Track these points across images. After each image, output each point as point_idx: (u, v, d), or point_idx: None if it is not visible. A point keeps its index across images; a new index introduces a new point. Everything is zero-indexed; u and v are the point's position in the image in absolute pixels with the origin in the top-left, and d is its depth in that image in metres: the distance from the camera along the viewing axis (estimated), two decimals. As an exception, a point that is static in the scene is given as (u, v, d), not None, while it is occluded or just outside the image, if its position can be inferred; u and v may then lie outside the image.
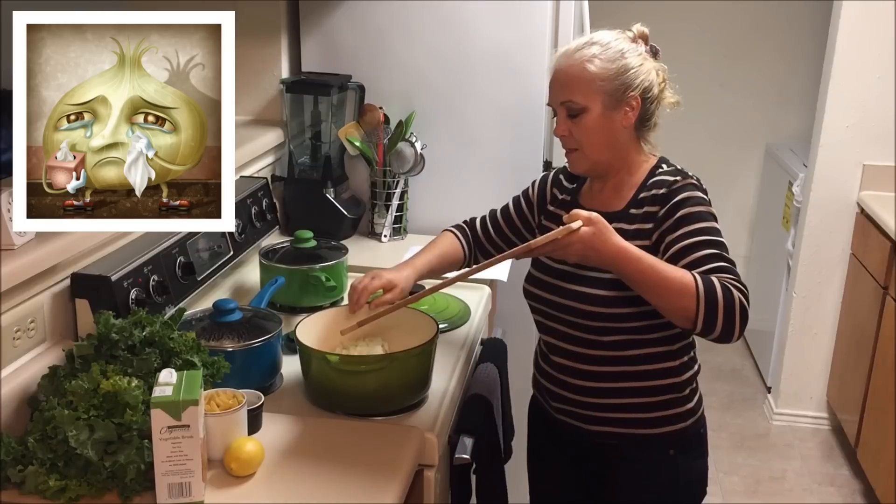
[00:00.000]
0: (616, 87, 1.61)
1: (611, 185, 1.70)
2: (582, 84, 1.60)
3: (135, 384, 1.37)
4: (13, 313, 1.47)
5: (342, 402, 1.61)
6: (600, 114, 1.61)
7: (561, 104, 1.63)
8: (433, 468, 1.57)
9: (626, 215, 1.64)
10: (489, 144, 2.55)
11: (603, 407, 1.69)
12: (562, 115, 1.64)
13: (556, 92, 1.64)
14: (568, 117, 1.63)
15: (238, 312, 1.70)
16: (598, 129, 1.62)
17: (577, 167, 1.70)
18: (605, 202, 1.69)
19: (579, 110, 1.61)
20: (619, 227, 1.61)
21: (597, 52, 1.61)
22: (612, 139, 1.64)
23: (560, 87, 1.64)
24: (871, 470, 3.03)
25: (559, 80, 1.64)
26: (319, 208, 2.48)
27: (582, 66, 1.60)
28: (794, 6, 4.08)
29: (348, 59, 2.55)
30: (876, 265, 3.08)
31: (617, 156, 1.66)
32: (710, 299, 1.45)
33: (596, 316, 1.63)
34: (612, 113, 1.62)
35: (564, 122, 1.64)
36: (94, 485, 1.32)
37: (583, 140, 1.63)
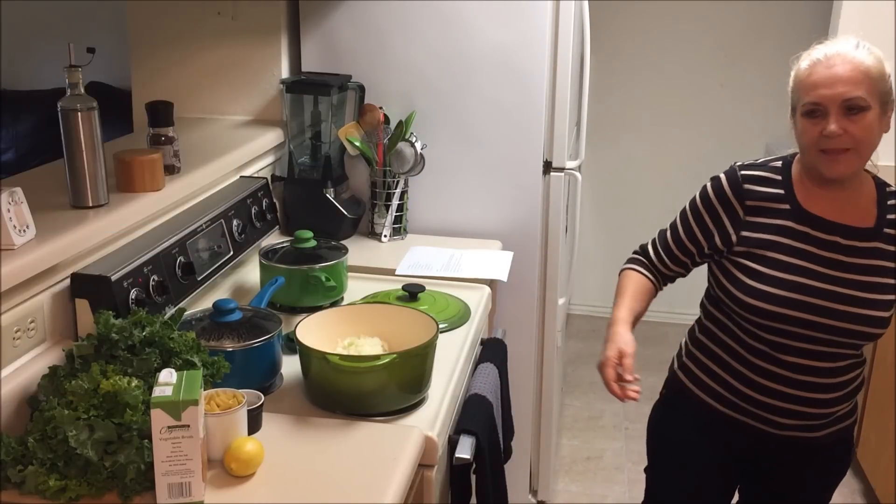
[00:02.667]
0: (887, 90, 1.60)
1: (848, 194, 1.67)
2: (865, 82, 1.57)
3: (135, 384, 1.37)
4: (13, 313, 1.47)
5: (342, 402, 1.61)
6: (878, 114, 1.60)
7: (843, 101, 1.58)
8: (433, 468, 1.58)
9: (880, 234, 1.65)
10: (489, 144, 2.55)
11: (835, 412, 1.73)
12: (837, 113, 1.58)
13: (837, 88, 1.58)
14: (844, 115, 1.58)
15: (238, 312, 1.70)
16: (875, 129, 1.60)
17: (843, 168, 1.62)
18: (851, 215, 1.66)
19: (864, 107, 1.57)
20: (875, 245, 1.65)
21: (869, 55, 1.60)
22: (877, 143, 1.63)
23: (843, 84, 1.58)
24: (871, 470, 3.03)
25: (843, 76, 1.58)
26: (319, 208, 2.49)
27: (863, 65, 1.58)
28: (794, 6, 4.08)
29: (348, 59, 2.55)
30: (876, 265, 3.07)
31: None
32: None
33: (871, 336, 1.66)
34: (883, 115, 1.61)
35: (840, 120, 1.58)
36: (94, 485, 1.32)
37: (861, 139, 1.59)
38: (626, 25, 4.09)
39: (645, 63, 4.21)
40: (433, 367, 1.68)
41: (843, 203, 1.67)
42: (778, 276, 1.65)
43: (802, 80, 1.65)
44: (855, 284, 1.64)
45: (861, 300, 1.63)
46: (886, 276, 1.65)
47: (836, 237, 1.65)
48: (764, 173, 1.74)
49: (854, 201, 1.67)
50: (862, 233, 1.65)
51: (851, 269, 1.64)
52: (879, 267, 1.65)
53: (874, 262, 1.65)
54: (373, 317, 1.79)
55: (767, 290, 1.65)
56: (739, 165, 1.77)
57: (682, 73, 4.23)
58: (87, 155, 1.68)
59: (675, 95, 4.24)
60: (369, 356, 1.62)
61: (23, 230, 1.50)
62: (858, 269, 1.64)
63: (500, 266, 2.33)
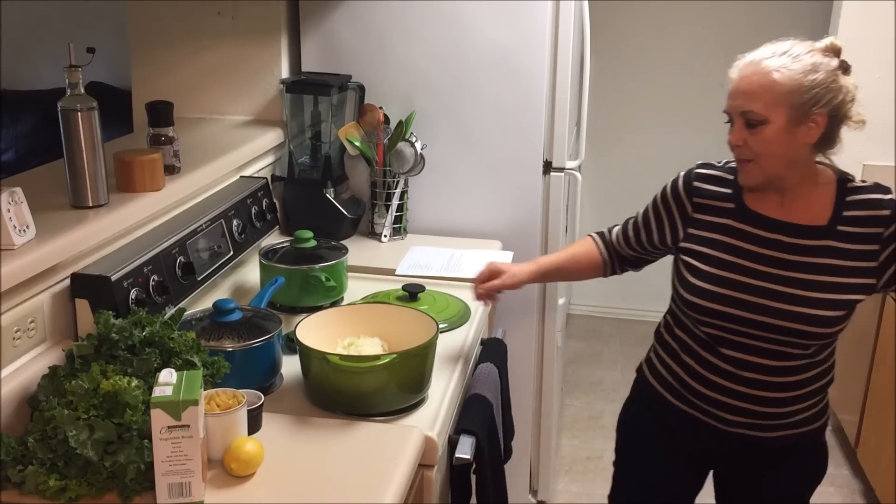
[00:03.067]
0: (804, 101, 1.55)
1: (798, 193, 1.65)
2: (765, 95, 1.55)
3: (135, 384, 1.37)
4: (13, 313, 1.47)
5: (342, 402, 1.61)
6: (782, 127, 1.56)
7: (741, 114, 1.58)
8: (433, 468, 1.58)
9: (833, 232, 1.62)
10: (489, 144, 2.55)
11: (790, 413, 1.71)
12: (739, 123, 1.59)
13: (736, 100, 1.59)
14: (746, 127, 1.58)
15: (238, 312, 1.70)
16: (778, 142, 1.57)
17: (749, 179, 1.63)
18: (797, 214, 1.65)
19: (759, 122, 1.56)
20: (829, 244, 1.62)
21: (786, 63, 1.55)
22: (791, 154, 1.59)
23: (741, 96, 1.58)
24: (871, 470, 3.03)
25: (742, 87, 1.58)
26: (319, 208, 2.49)
27: (769, 77, 1.55)
28: (794, 6, 4.08)
29: (348, 59, 2.55)
30: (876, 265, 3.07)
31: (792, 169, 1.62)
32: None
33: (820, 336, 1.63)
34: (795, 127, 1.56)
35: (741, 131, 1.58)
36: (94, 485, 1.32)
37: (760, 152, 1.58)
38: (626, 25, 4.09)
39: (645, 63, 4.21)
40: (433, 367, 1.68)
41: (792, 202, 1.65)
42: (715, 273, 1.67)
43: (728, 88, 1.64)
44: (798, 283, 1.62)
45: (803, 299, 1.61)
46: (839, 275, 1.61)
47: (778, 235, 1.65)
48: (718, 173, 1.75)
49: (804, 200, 1.65)
50: (810, 231, 1.63)
51: (796, 267, 1.63)
52: (831, 265, 1.61)
53: (825, 260, 1.62)
54: (373, 317, 1.79)
55: (704, 286, 1.67)
56: (699, 164, 1.79)
57: (682, 73, 4.22)
58: (87, 155, 1.68)
59: (675, 95, 4.24)
60: (369, 356, 1.62)
61: (23, 230, 1.50)
62: (805, 267, 1.62)
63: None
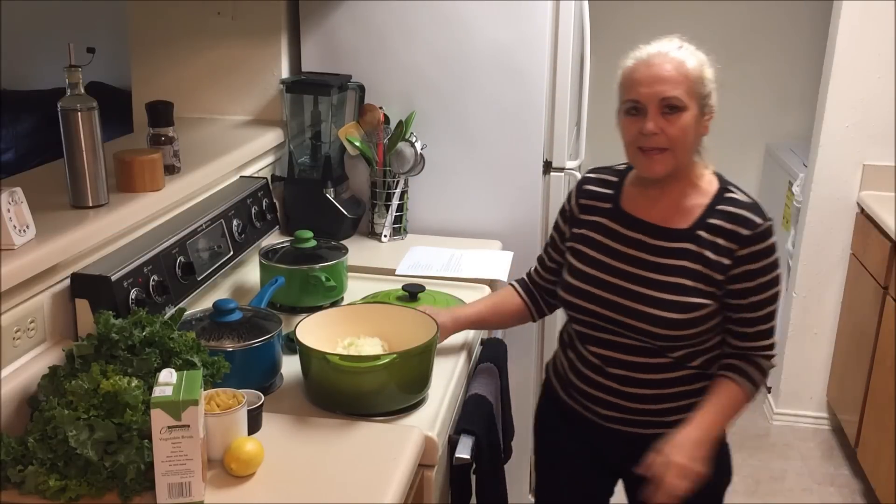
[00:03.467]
0: (706, 93, 1.61)
1: (672, 196, 1.66)
2: (683, 82, 1.58)
3: (135, 384, 1.37)
4: (13, 313, 1.47)
5: (342, 402, 1.61)
6: (695, 116, 1.59)
7: (660, 100, 1.58)
8: (433, 468, 1.58)
9: (692, 236, 1.63)
10: (489, 144, 2.55)
11: (662, 412, 1.70)
12: (655, 111, 1.58)
13: (655, 87, 1.58)
14: (662, 114, 1.58)
15: (238, 312, 1.70)
16: (691, 130, 1.60)
17: (658, 168, 1.62)
18: (665, 216, 1.66)
19: (681, 108, 1.57)
20: (686, 247, 1.62)
21: (689, 56, 1.60)
22: (694, 144, 1.63)
23: (661, 83, 1.58)
24: (871, 470, 3.03)
25: (661, 75, 1.58)
26: (319, 208, 2.48)
27: (684, 66, 1.58)
28: (794, 6, 4.08)
29: (348, 59, 2.55)
30: (876, 265, 3.08)
31: (688, 163, 1.65)
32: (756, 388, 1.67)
33: (666, 338, 1.63)
34: (700, 118, 1.61)
35: (658, 118, 1.58)
36: (94, 485, 1.32)
37: (677, 139, 1.59)
38: (626, 25, 4.08)
39: (645, 63, 4.21)
40: (433, 367, 1.68)
41: (665, 204, 1.67)
42: (585, 272, 1.72)
43: (626, 78, 1.63)
44: (651, 283, 1.64)
45: (651, 299, 1.63)
46: (689, 279, 1.62)
47: (641, 235, 1.67)
48: (604, 175, 1.79)
49: (677, 203, 1.66)
50: (672, 233, 1.64)
51: (653, 268, 1.64)
52: (685, 268, 1.62)
53: (680, 262, 1.62)
54: (373, 317, 1.79)
55: (575, 283, 1.73)
56: (591, 168, 1.83)
57: (682, 73, 4.22)
58: (87, 155, 1.67)
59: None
60: (369, 356, 1.62)
61: (23, 230, 1.50)
62: (661, 268, 1.64)
63: (500, 266, 2.33)
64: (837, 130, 3.30)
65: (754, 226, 1.61)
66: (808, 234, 3.42)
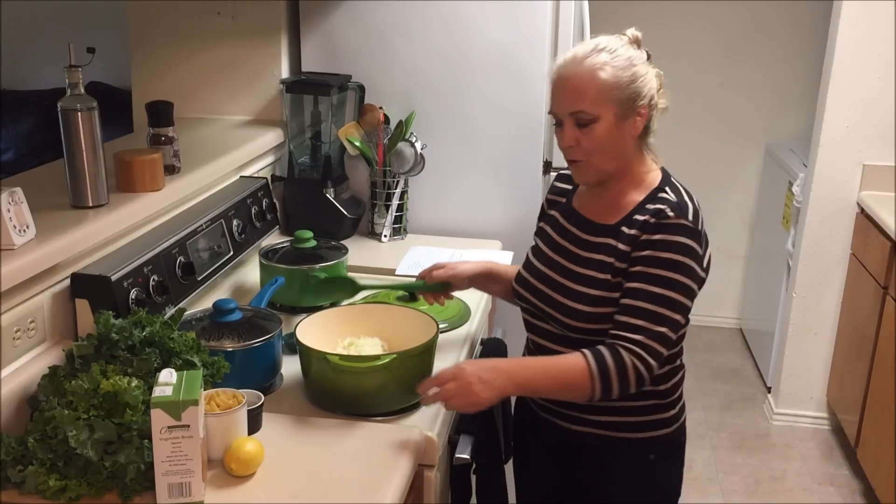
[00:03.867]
0: (627, 95, 1.57)
1: (611, 194, 1.66)
2: (592, 93, 1.55)
3: (135, 384, 1.37)
4: (13, 313, 1.47)
5: (342, 402, 1.61)
6: (612, 123, 1.56)
7: (570, 114, 1.57)
8: (433, 468, 1.58)
9: (617, 232, 1.61)
10: (489, 144, 2.55)
11: (586, 409, 1.68)
12: (569, 124, 1.58)
13: (564, 101, 1.58)
14: (576, 126, 1.58)
15: (238, 312, 1.70)
16: (609, 139, 1.57)
17: (582, 177, 1.65)
18: (600, 213, 1.67)
19: (590, 120, 1.56)
20: (608, 242, 1.61)
21: (607, 60, 1.56)
22: (620, 149, 1.60)
23: (569, 96, 1.57)
24: (871, 470, 3.03)
25: (568, 88, 1.57)
26: (319, 208, 2.48)
27: (593, 75, 1.55)
28: (794, 6, 4.08)
29: (348, 59, 2.55)
30: (876, 265, 3.08)
31: (623, 164, 1.63)
32: (604, 374, 1.52)
33: (578, 329, 1.63)
34: (622, 122, 1.58)
35: (572, 130, 1.58)
36: (94, 485, 1.32)
37: (592, 150, 1.58)
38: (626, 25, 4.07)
39: (645, 63, 4.21)
40: (433, 367, 1.68)
41: (604, 201, 1.66)
42: (531, 262, 1.76)
43: (550, 89, 1.63)
44: (571, 275, 1.65)
45: (567, 289, 1.64)
46: (599, 271, 1.61)
47: (576, 230, 1.68)
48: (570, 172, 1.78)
49: (615, 200, 1.65)
50: (598, 228, 1.65)
51: (579, 261, 1.65)
52: (603, 262, 1.61)
53: (601, 257, 1.62)
54: (373, 317, 1.79)
55: (522, 273, 1.77)
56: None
57: (682, 72, 4.22)
58: (87, 155, 1.67)
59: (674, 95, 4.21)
60: (369, 356, 1.62)
61: (23, 230, 1.50)
62: (584, 261, 1.64)
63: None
64: (837, 130, 3.30)
65: (663, 216, 1.56)
66: (808, 234, 3.42)
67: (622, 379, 1.52)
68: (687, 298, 1.56)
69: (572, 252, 1.67)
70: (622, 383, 1.52)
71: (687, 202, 1.61)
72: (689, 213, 1.58)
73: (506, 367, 1.56)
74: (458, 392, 1.49)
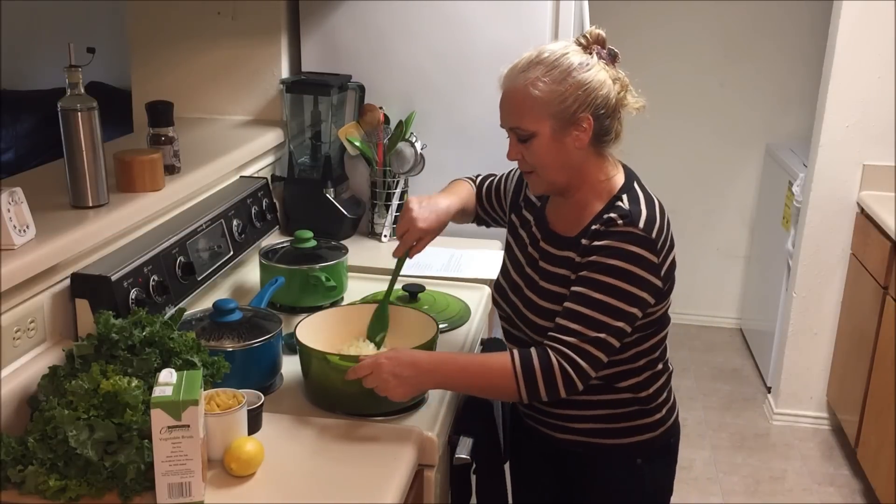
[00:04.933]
0: (564, 108, 1.51)
1: (573, 204, 1.63)
2: (526, 109, 1.52)
3: (135, 384, 1.37)
4: (13, 313, 1.47)
5: (342, 402, 1.61)
6: (550, 137, 1.53)
7: (510, 129, 1.57)
8: (433, 468, 1.58)
9: (576, 244, 1.59)
10: (489, 144, 2.54)
11: (569, 417, 1.68)
12: (513, 139, 1.58)
13: (504, 116, 1.58)
14: (518, 141, 1.57)
15: (238, 312, 1.70)
16: (550, 152, 1.55)
17: (535, 189, 1.65)
18: (565, 224, 1.64)
19: (527, 136, 1.54)
20: (569, 255, 1.59)
21: (540, 74, 1.51)
22: (565, 160, 1.56)
23: (507, 112, 1.57)
24: (871, 470, 3.03)
25: (505, 103, 1.57)
26: (319, 208, 2.48)
27: (526, 91, 1.51)
28: (794, 6, 4.08)
29: (348, 59, 2.55)
30: (876, 265, 3.08)
31: (575, 174, 1.59)
32: (528, 374, 1.50)
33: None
34: (562, 136, 1.53)
35: (515, 146, 1.58)
36: (94, 485, 1.32)
37: (535, 164, 1.57)
38: (626, 25, 4.08)
39: (644, 62, 4.20)
40: (433, 367, 1.68)
41: (567, 211, 1.64)
42: (506, 268, 1.76)
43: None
44: (538, 290, 1.63)
45: (534, 305, 1.63)
46: (563, 286, 1.58)
47: (544, 242, 1.67)
48: None
49: (577, 211, 1.62)
50: (561, 241, 1.62)
51: (545, 275, 1.63)
52: (564, 276, 1.59)
53: (562, 270, 1.59)
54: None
55: (499, 280, 1.79)
56: None
57: (682, 72, 4.22)
58: (87, 155, 1.67)
59: (674, 95, 4.24)
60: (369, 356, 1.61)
61: (23, 230, 1.50)
62: (550, 276, 1.62)
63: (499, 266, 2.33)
64: (837, 130, 3.30)
65: (611, 224, 1.53)
66: (808, 234, 3.42)
67: (548, 381, 1.50)
68: (631, 306, 1.52)
69: (540, 266, 1.65)
70: (548, 385, 1.51)
71: (641, 209, 1.55)
72: (641, 220, 1.53)
73: (426, 365, 1.55)
74: (375, 384, 1.52)
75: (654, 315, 1.61)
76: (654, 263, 1.53)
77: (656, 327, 1.64)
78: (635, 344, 1.62)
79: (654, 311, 1.60)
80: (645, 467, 1.72)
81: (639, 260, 1.52)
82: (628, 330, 1.55)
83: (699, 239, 4.41)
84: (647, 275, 1.53)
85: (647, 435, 1.69)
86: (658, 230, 1.55)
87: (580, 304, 1.52)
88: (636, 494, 1.74)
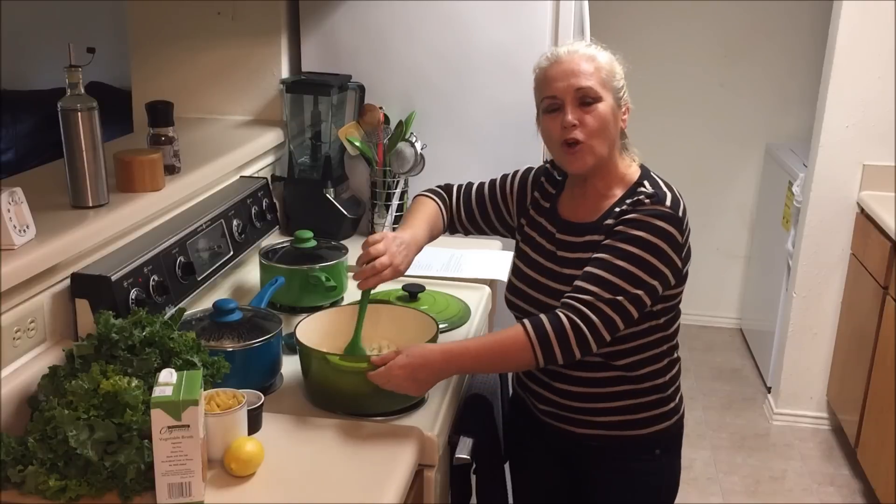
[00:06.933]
0: (618, 87, 1.64)
1: (593, 192, 1.67)
2: (596, 74, 1.60)
3: (135, 384, 1.37)
4: (13, 313, 1.47)
5: (342, 402, 1.61)
6: (612, 106, 1.61)
7: (576, 91, 1.59)
8: (433, 468, 1.58)
9: (598, 227, 1.63)
10: (489, 144, 2.55)
11: (591, 411, 1.69)
12: (572, 104, 1.60)
13: (569, 80, 1.60)
14: (579, 106, 1.60)
15: (238, 312, 1.70)
16: (609, 121, 1.61)
17: (579, 163, 1.62)
18: (581, 212, 1.67)
19: (595, 98, 1.59)
20: (591, 239, 1.62)
21: (598, 51, 1.64)
22: (613, 136, 1.64)
23: (574, 76, 1.60)
24: (871, 470, 3.03)
25: (573, 69, 1.61)
26: (319, 208, 2.48)
27: (595, 60, 1.62)
28: (794, 6, 4.08)
29: (348, 59, 2.55)
30: (876, 265, 3.08)
31: (610, 157, 1.65)
32: (542, 337, 1.53)
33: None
34: (617, 110, 1.63)
35: (575, 111, 1.60)
36: (94, 485, 1.32)
37: (594, 129, 1.59)
38: (626, 25, 4.08)
39: (644, 63, 4.19)
40: (433, 367, 1.68)
41: (587, 201, 1.68)
42: (523, 271, 1.75)
43: (540, 78, 1.66)
44: (558, 277, 1.66)
45: (558, 293, 1.62)
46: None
47: (554, 230, 1.70)
48: (555, 173, 1.80)
49: (596, 199, 1.66)
50: (579, 228, 1.66)
51: (561, 262, 1.66)
52: (587, 260, 1.60)
53: (584, 255, 1.62)
54: (373, 317, 1.78)
55: (516, 283, 1.76)
56: (548, 161, 1.82)
57: (681, 72, 4.22)
58: (87, 155, 1.68)
59: (674, 95, 4.24)
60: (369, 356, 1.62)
61: (23, 230, 1.50)
62: (567, 262, 1.65)
63: (500, 266, 2.33)
64: (837, 130, 3.30)
65: (637, 204, 1.59)
66: (808, 234, 3.42)
67: (562, 341, 1.52)
68: (652, 278, 1.55)
69: (559, 256, 1.67)
70: (562, 345, 1.52)
71: (665, 192, 1.62)
72: (668, 200, 1.60)
73: (440, 364, 1.56)
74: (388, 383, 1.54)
75: (674, 299, 1.65)
76: (678, 241, 1.58)
77: (675, 313, 1.69)
78: (661, 328, 1.65)
79: (674, 293, 1.64)
80: (663, 458, 1.74)
81: (664, 234, 1.56)
82: (647, 302, 1.57)
83: (699, 239, 4.37)
84: (670, 250, 1.57)
85: (664, 424, 1.72)
86: (683, 210, 1.61)
87: (600, 269, 1.55)
88: (655, 485, 1.76)
